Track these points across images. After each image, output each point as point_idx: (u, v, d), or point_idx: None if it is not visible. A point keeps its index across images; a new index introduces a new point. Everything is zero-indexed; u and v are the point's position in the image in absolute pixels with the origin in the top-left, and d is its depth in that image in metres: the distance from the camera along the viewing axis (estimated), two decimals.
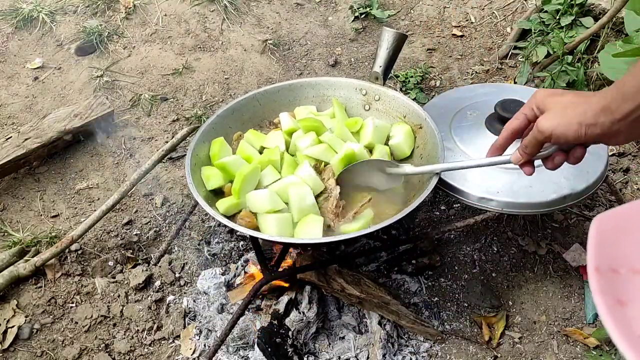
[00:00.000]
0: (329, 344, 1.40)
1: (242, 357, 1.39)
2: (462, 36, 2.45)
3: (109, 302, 1.52)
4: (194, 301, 1.53)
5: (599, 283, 0.47)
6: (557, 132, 0.81)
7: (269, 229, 1.18)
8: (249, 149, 1.37)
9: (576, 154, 0.88)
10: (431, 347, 1.42)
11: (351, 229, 1.19)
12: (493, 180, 1.32)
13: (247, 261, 1.59)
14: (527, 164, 0.94)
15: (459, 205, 1.75)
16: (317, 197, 1.25)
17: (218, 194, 1.31)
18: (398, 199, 1.28)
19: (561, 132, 0.81)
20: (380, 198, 1.28)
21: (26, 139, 1.84)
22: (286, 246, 1.35)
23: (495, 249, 1.64)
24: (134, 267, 1.61)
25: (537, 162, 0.95)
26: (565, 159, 0.90)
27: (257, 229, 1.20)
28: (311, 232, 1.17)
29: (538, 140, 0.87)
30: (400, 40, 1.39)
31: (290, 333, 1.36)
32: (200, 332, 1.46)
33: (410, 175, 1.24)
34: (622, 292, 0.48)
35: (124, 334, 1.47)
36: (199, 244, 1.68)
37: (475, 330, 1.46)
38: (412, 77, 2.21)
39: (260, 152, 1.39)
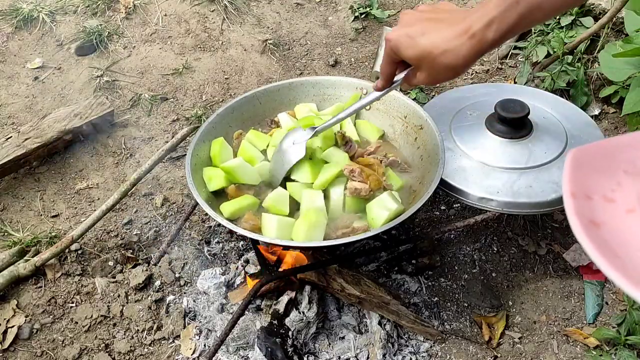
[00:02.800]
0: (329, 344, 1.40)
1: (242, 357, 1.39)
2: None
3: (109, 302, 1.52)
4: (194, 301, 1.53)
5: (574, 206, 0.50)
6: (437, 82, 0.86)
7: (270, 230, 1.18)
8: (251, 150, 1.37)
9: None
10: (431, 347, 1.42)
11: (359, 225, 1.20)
12: (493, 180, 1.32)
13: (247, 261, 1.59)
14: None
15: (459, 205, 1.75)
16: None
17: (219, 194, 1.31)
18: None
19: (441, 81, 0.86)
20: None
21: (26, 139, 1.84)
22: (285, 248, 1.35)
23: (495, 249, 1.64)
24: (134, 267, 1.61)
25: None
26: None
27: (259, 230, 1.20)
28: (313, 234, 1.17)
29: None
30: None
31: (290, 333, 1.36)
32: (200, 332, 1.46)
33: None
34: (596, 215, 0.50)
35: (124, 334, 1.46)
36: (199, 244, 1.68)
37: (475, 330, 1.46)
38: None
39: (263, 153, 1.39)
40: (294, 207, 1.27)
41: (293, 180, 1.28)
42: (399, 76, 0.96)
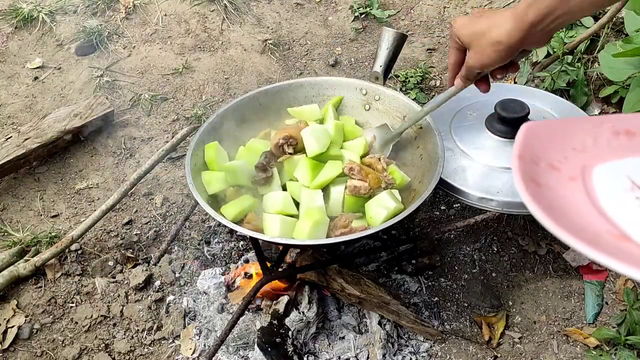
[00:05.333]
0: (329, 344, 1.40)
1: (242, 357, 1.39)
2: None
3: (109, 302, 1.52)
4: (194, 301, 1.53)
5: (520, 166, 0.55)
6: (483, 64, 0.96)
7: (272, 229, 1.18)
8: (251, 155, 1.36)
9: (510, 69, 1.01)
10: (431, 347, 1.42)
11: (359, 225, 1.20)
12: (493, 180, 1.32)
13: (247, 261, 1.59)
14: (479, 83, 1.08)
15: (459, 205, 1.75)
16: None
17: (217, 198, 1.31)
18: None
19: (487, 63, 0.96)
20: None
21: (26, 139, 1.84)
22: (286, 247, 1.35)
23: (495, 249, 1.64)
24: (134, 267, 1.61)
25: None
26: (503, 72, 1.02)
27: (261, 231, 1.20)
28: (316, 233, 1.17)
29: (472, 73, 1.02)
30: (400, 40, 1.39)
31: (290, 333, 1.36)
32: (200, 332, 1.46)
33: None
34: (539, 177, 0.55)
35: (124, 334, 1.47)
36: (199, 244, 1.68)
37: (475, 330, 1.46)
38: (412, 77, 2.21)
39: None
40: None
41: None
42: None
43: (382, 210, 1.19)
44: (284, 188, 1.32)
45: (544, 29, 0.84)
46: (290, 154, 1.31)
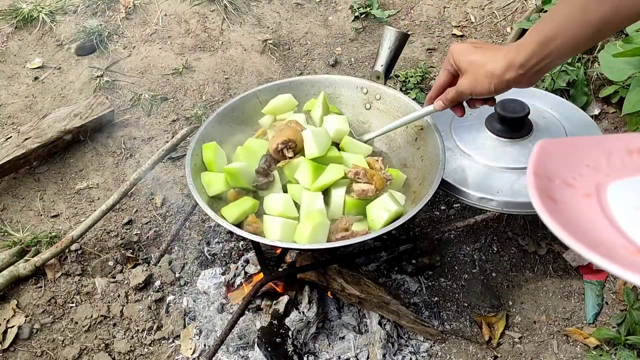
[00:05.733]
0: (329, 344, 1.40)
1: (242, 357, 1.39)
2: (462, 36, 2.45)
3: (109, 302, 1.52)
4: (194, 301, 1.53)
5: (535, 181, 0.56)
6: (474, 91, 1.01)
7: (273, 232, 1.17)
8: (248, 156, 1.36)
9: (489, 101, 1.10)
10: (431, 347, 1.42)
11: (360, 228, 1.19)
12: (493, 180, 1.32)
13: (247, 261, 1.59)
14: (456, 107, 1.13)
15: (459, 205, 1.75)
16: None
17: (217, 199, 1.30)
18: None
19: (478, 91, 1.00)
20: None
21: (26, 139, 1.84)
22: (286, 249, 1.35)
23: (495, 249, 1.64)
24: (134, 267, 1.61)
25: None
26: (483, 103, 1.09)
27: (262, 233, 1.20)
28: (317, 236, 1.16)
29: (460, 97, 1.07)
30: (402, 40, 1.39)
31: (290, 333, 1.36)
32: (200, 332, 1.46)
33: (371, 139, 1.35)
34: (554, 193, 0.56)
35: (124, 334, 1.47)
36: (199, 244, 1.68)
37: (475, 330, 1.46)
38: (412, 77, 2.21)
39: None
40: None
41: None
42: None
43: (383, 213, 1.18)
44: (285, 189, 1.31)
45: (533, 70, 0.91)
46: (290, 157, 1.30)
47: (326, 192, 1.27)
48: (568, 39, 0.85)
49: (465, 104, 1.13)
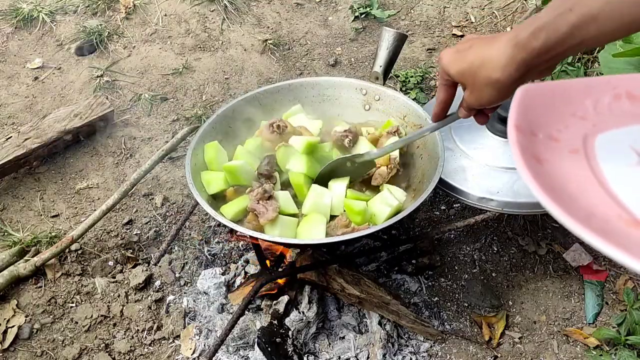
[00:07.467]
0: (329, 344, 1.40)
1: (242, 357, 1.39)
2: (462, 36, 2.45)
3: (109, 302, 1.52)
4: (194, 301, 1.53)
5: (518, 139, 0.50)
6: (482, 104, 0.84)
7: (272, 229, 1.18)
8: (248, 155, 1.36)
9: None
10: (431, 347, 1.42)
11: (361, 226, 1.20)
12: (493, 180, 1.32)
13: (247, 261, 1.59)
14: (477, 115, 0.96)
15: (459, 205, 1.75)
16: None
17: (216, 197, 1.31)
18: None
19: (485, 103, 0.82)
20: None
21: (26, 139, 1.84)
22: (287, 247, 1.35)
23: (495, 249, 1.64)
24: (134, 267, 1.61)
25: None
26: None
27: (262, 231, 1.20)
28: (314, 232, 1.17)
29: (473, 110, 0.91)
30: (400, 40, 1.39)
31: (290, 333, 1.36)
32: (200, 332, 1.46)
33: (378, 157, 1.28)
34: (539, 151, 0.50)
35: (124, 334, 1.46)
36: (199, 244, 1.68)
37: (475, 330, 1.46)
38: (412, 77, 2.21)
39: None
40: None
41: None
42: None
43: (385, 208, 1.19)
44: (284, 186, 1.32)
45: (552, 59, 0.71)
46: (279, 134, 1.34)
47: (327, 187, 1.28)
48: (610, 21, 0.63)
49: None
